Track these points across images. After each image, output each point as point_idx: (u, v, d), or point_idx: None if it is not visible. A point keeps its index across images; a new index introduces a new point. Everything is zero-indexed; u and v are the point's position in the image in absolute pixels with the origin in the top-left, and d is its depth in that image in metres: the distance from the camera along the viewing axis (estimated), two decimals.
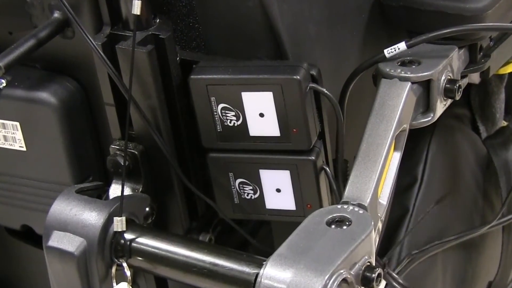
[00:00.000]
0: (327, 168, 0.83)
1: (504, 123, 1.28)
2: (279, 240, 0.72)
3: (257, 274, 0.70)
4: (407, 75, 0.84)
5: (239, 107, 0.80)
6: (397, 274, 1.09)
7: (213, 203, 0.85)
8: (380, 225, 0.79)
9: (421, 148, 1.15)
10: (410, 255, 1.10)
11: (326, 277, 0.66)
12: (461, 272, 1.20)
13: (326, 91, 0.80)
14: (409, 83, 0.83)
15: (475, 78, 0.99)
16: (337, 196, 0.83)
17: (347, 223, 0.72)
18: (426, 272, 1.12)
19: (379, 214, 0.78)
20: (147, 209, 0.83)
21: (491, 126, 1.26)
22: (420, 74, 0.84)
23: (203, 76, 0.80)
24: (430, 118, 0.86)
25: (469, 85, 1.06)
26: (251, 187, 0.84)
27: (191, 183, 0.84)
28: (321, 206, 0.83)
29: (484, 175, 1.26)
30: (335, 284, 0.67)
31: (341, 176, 0.87)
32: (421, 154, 1.15)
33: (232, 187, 0.85)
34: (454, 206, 1.21)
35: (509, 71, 1.14)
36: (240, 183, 0.84)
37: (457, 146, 1.22)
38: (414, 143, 1.13)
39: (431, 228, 1.16)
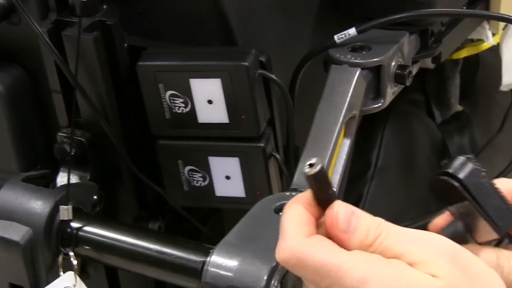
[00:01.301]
0: (277, 155, 0.82)
1: (460, 108, 1.29)
2: (230, 227, 0.71)
3: (204, 262, 0.69)
4: (357, 61, 0.83)
5: (187, 94, 0.79)
6: None
7: (162, 191, 0.85)
8: None
9: (376, 134, 1.15)
10: None
11: (273, 265, 0.66)
12: None
13: (275, 78, 0.79)
14: (359, 69, 0.83)
15: (429, 63, 0.99)
16: (287, 183, 0.83)
17: None
18: None
19: None
20: (95, 197, 0.82)
21: (446, 111, 1.26)
22: (370, 60, 0.84)
23: (151, 63, 0.80)
24: (380, 104, 0.86)
25: (424, 70, 1.06)
26: (200, 175, 0.84)
27: (140, 171, 0.83)
28: (271, 193, 0.83)
29: (440, 160, 1.26)
30: (282, 272, 0.66)
31: (293, 162, 0.87)
32: (376, 140, 1.15)
33: (182, 174, 0.84)
34: (409, 191, 1.22)
35: (462, 56, 1.15)
36: (189, 170, 0.84)
37: (412, 132, 1.22)
38: (369, 129, 1.13)
39: (385, 214, 1.16)
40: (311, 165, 0.56)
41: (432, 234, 0.59)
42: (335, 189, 0.80)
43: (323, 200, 0.58)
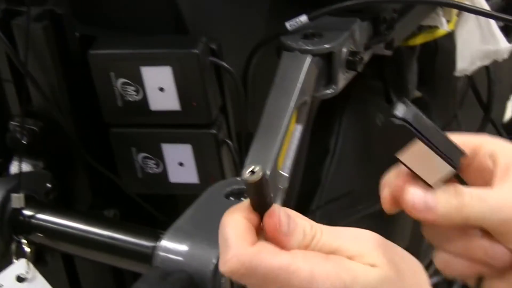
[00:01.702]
0: (229, 142, 0.83)
1: (418, 94, 1.30)
2: None
3: (154, 247, 0.70)
4: (308, 47, 0.84)
5: (138, 82, 0.80)
6: None
7: (116, 178, 0.85)
8: (281, 196, 0.80)
9: (334, 121, 1.16)
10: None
11: None
12: None
13: (226, 65, 0.80)
14: (310, 56, 0.83)
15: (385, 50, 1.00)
16: (240, 169, 0.84)
17: (245, 195, 0.73)
18: None
19: (280, 186, 0.79)
20: (48, 185, 0.82)
21: (404, 97, 1.27)
22: (321, 47, 0.84)
23: (102, 51, 0.80)
24: (333, 90, 0.87)
25: (382, 57, 1.07)
26: (154, 161, 0.84)
27: (94, 159, 0.84)
28: (223, 178, 0.84)
29: None
30: None
31: (245, 149, 0.87)
32: (334, 126, 1.16)
33: (135, 161, 0.85)
34: (367, 176, 1.23)
35: (418, 42, 1.16)
36: (143, 157, 0.84)
37: (370, 117, 1.23)
38: (327, 116, 1.14)
39: (343, 199, 1.17)
40: (252, 172, 0.57)
41: (362, 230, 0.61)
42: (286, 174, 0.81)
43: (260, 205, 0.58)
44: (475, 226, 0.60)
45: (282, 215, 0.58)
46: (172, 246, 0.68)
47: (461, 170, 0.63)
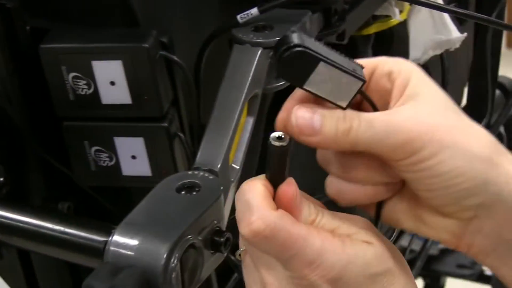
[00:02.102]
0: (181, 135, 0.84)
1: None
2: None
3: (106, 242, 0.70)
4: (258, 40, 0.84)
5: (90, 76, 0.80)
6: None
7: (68, 172, 0.85)
8: (233, 189, 0.80)
9: None
10: None
11: (172, 243, 0.67)
12: None
13: (176, 59, 0.81)
14: (261, 49, 0.84)
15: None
16: (192, 162, 0.84)
17: (196, 189, 0.73)
18: None
19: (231, 179, 0.80)
20: (0, 179, 0.82)
21: None
22: (271, 40, 0.85)
23: (53, 45, 0.80)
24: (283, 83, 0.88)
25: (337, 46, 1.08)
26: (106, 155, 0.85)
27: (47, 152, 0.84)
28: (176, 171, 0.85)
29: None
30: (181, 249, 0.68)
31: (197, 142, 0.88)
32: None
33: (88, 154, 0.85)
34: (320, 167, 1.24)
35: (372, 32, 1.17)
36: (95, 150, 0.85)
37: None
38: (285, 96, 1.14)
39: (303, 182, 1.18)
40: (279, 138, 0.58)
41: (354, 215, 0.63)
42: (238, 167, 0.82)
43: (278, 176, 0.60)
44: (364, 150, 0.60)
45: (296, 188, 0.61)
46: (123, 241, 0.68)
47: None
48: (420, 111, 0.60)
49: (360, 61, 0.63)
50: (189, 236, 0.69)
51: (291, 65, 0.61)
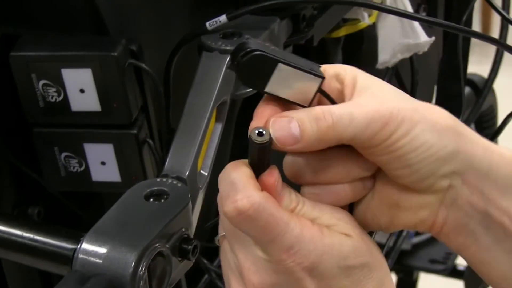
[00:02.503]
0: (150, 141, 0.85)
1: None
2: None
3: (74, 250, 0.71)
4: (227, 48, 0.85)
5: (59, 84, 0.81)
6: None
7: (38, 177, 0.86)
8: (201, 195, 0.81)
9: None
10: None
11: (140, 252, 0.68)
12: None
13: (145, 66, 0.81)
14: (229, 56, 0.85)
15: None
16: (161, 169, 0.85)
17: (164, 196, 0.74)
18: None
19: (200, 185, 0.81)
20: None
21: None
22: None
23: (23, 53, 0.81)
24: (251, 89, 0.89)
25: (309, 48, 1.09)
26: (76, 160, 0.85)
27: (17, 156, 0.85)
28: (145, 177, 0.85)
29: None
30: (149, 258, 0.68)
31: (165, 149, 0.89)
32: None
33: (58, 160, 0.86)
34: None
35: (342, 34, 1.18)
36: (65, 156, 0.85)
37: None
38: (254, 106, 1.15)
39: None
40: (260, 134, 0.60)
41: (335, 207, 0.65)
42: (206, 173, 0.83)
43: (258, 168, 0.61)
44: (346, 143, 0.63)
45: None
46: (92, 249, 0.69)
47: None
48: (381, 98, 0.63)
49: None
50: (157, 244, 0.70)
51: (250, 70, 0.62)
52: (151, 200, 0.74)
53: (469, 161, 0.63)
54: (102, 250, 0.69)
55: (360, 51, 1.31)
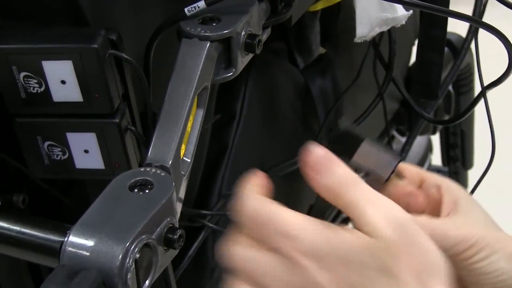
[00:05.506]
0: (133, 128, 0.85)
1: (323, 50, 1.33)
2: (94, 197, 0.74)
3: (62, 242, 0.72)
4: (206, 34, 0.85)
5: (40, 75, 0.81)
6: (218, 210, 1.14)
7: (20, 165, 0.87)
8: (185, 182, 0.82)
9: (239, 85, 1.19)
10: (230, 190, 1.14)
11: (127, 244, 0.69)
12: (283, 198, 1.27)
13: (126, 56, 0.81)
14: (209, 42, 0.85)
15: None
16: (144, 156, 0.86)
17: (149, 186, 0.75)
18: None
19: (182, 172, 0.82)
20: None
21: (307, 56, 1.31)
22: (219, 33, 0.86)
23: (3, 46, 0.80)
24: (232, 73, 0.89)
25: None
26: (59, 149, 0.86)
27: None
28: (128, 163, 0.86)
29: (303, 104, 1.31)
30: (136, 250, 0.70)
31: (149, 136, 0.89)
32: (239, 91, 1.19)
33: (41, 149, 0.86)
34: (274, 136, 1.26)
35: (319, 7, 1.18)
36: (48, 145, 0.86)
37: (274, 79, 1.26)
38: (232, 81, 1.16)
39: (251, 162, 1.20)
40: None
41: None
42: (189, 160, 0.84)
43: None
44: None
45: None
46: (79, 242, 0.70)
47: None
48: (473, 225, 0.79)
49: (408, 167, 0.84)
50: (143, 236, 0.71)
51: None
52: (136, 190, 0.75)
53: None
54: (89, 243, 0.70)
55: (337, 25, 1.32)
